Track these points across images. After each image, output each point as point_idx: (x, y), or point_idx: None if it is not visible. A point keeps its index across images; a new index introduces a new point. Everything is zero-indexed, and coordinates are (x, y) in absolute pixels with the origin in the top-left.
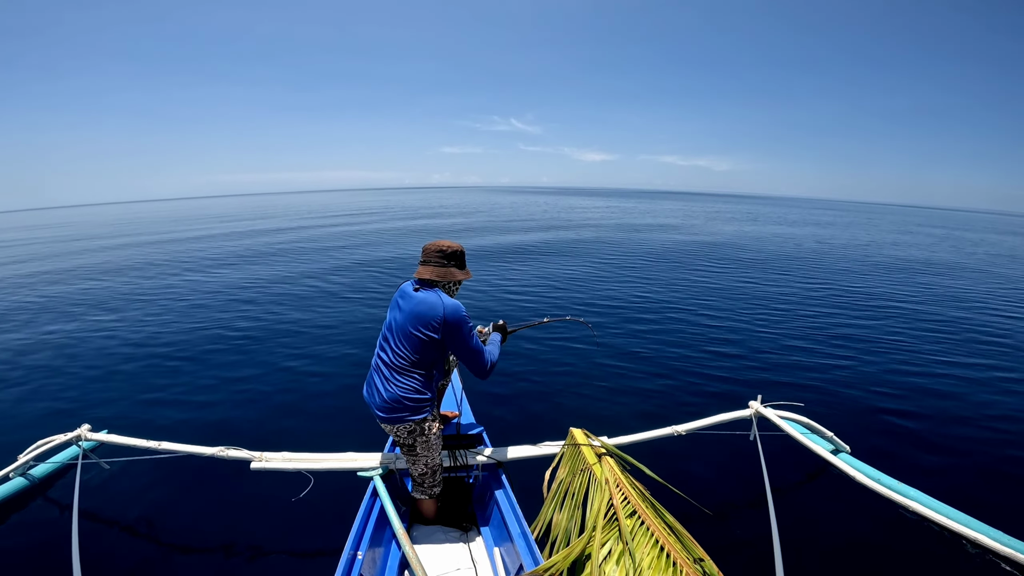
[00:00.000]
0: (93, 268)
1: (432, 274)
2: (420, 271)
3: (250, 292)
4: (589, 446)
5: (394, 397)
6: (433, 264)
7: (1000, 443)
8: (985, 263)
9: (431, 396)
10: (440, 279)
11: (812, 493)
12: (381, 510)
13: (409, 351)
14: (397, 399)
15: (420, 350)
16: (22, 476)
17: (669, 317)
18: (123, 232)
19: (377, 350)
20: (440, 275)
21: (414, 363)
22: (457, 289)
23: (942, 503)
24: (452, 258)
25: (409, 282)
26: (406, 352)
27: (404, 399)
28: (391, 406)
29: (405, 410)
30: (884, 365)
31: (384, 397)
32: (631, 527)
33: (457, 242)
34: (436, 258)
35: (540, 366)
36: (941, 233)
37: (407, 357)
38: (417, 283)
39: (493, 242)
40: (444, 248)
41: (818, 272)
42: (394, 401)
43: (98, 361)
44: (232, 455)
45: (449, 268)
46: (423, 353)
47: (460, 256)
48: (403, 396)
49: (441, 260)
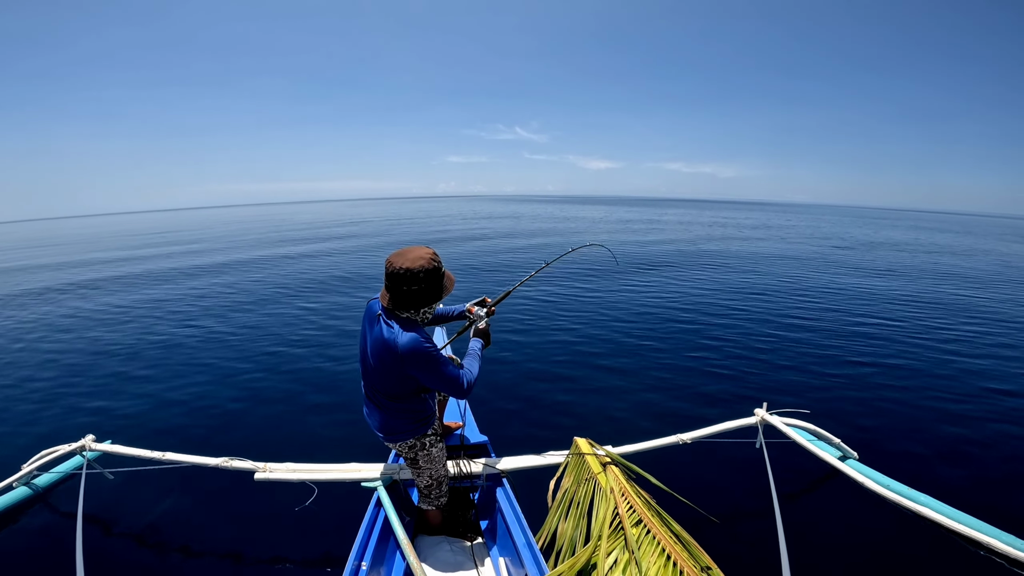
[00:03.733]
0: (97, 279)
1: (388, 302)
2: (382, 293)
3: (251, 302)
4: (594, 455)
5: (386, 424)
6: (391, 290)
7: (1013, 446)
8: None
9: (429, 414)
10: (400, 310)
11: (820, 500)
12: (385, 521)
13: (388, 383)
14: (391, 427)
15: (400, 382)
16: (26, 486)
17: (672, 325)
18: (124, 245)
19: (361, 374)
20: (397, 305)
21: (397, 395)
22: (431, 313)
23: (954, 508)
24: (411, 281)
25: (376, 300)
26: (385, 384)
27: (397, 425)
28: (389, 427)
29: (403, 432)
30: (891, 371)
31: (379, 424)
32: (637, 536)
33: (428, 249)
34: (391, 282)
35: (544, 376)
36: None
37: (387, 390)
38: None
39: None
40: (399, 269)
41: (821, 276)
42: (388, 427)
43: (103, 371)
44: (236, 466)
45: (411, 292)
46: (405, 384)
47: (424, 276)
48: (396, 423)
49: (398, 285)
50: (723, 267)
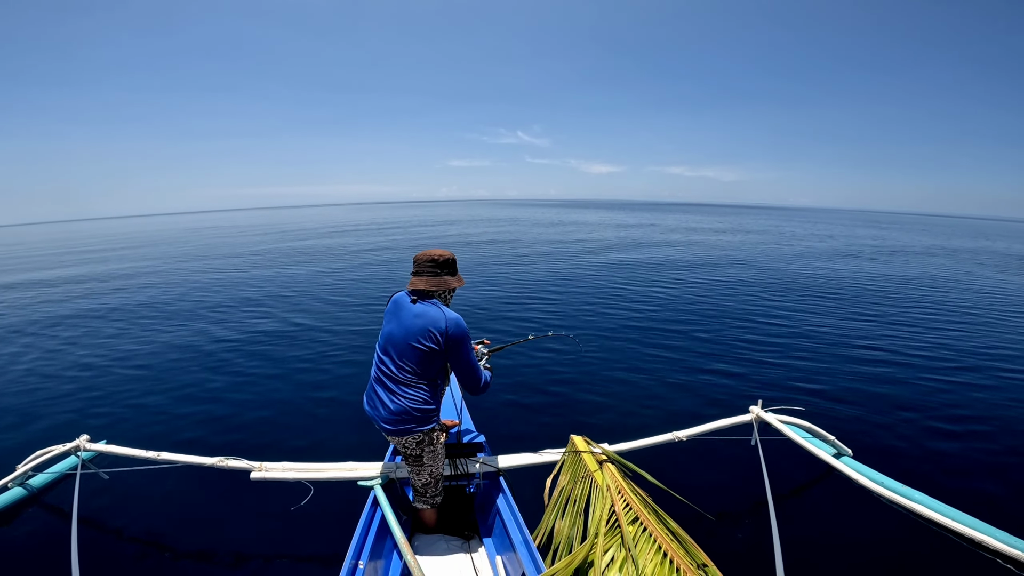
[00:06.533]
0: (96, 280)
1: (426, 284)
2: (414, 282)
3: (250, 304)
4: (590, 453)
5: (402, 409)
6: (427, 274)
7: (1009, 442)
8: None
9: (437, 406)
10: (435, 288)
11: (814, 497)
12: (382, 519)
13: (413, 363)
14: (405, 411)
15: (424, 362)
16: (21, 486)
17: (669, 324)
18: (119, 246)
19: (376, 363)
20: (434, 285)
21: (419, 375)
22: (451, 297)
23: (948, 505)
24: (445, 267)
25: (403, 292)
26: (410, 364)
27: (412, 410)
28: (399, 418)
29: (413, 421)
30: (886, 369)
31: (391, 409)
32: (634, 533)
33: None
34: (428, 268)
35: (540, 374)
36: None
37: (411, 369)
38: (412, 294)
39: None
40: (436, 257)
41: (818, 279)
42: (402, 413)
43: (97, 371)
44: (232, 465)
45: (443, 277)
46: (427, 365)
47: (452, 264)
48: (411, 408)
49: (434, 269)
50: (722, 267)
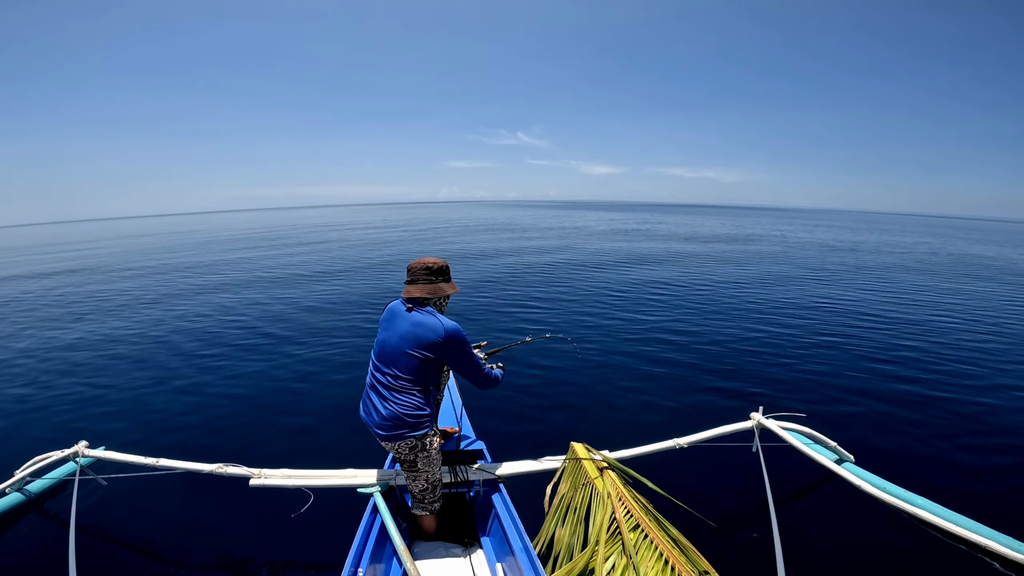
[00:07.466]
0: (96, 281)
1: (422, 292)
2: (409, 290)
3: (249, 309)
4: (590, 460)
5: (393, 415)
6: (422, 282)
7: (1011, 449)
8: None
9: (430, 412)
10: (430, 296)
11: (816, 503)
12: (382, 526)
13: (406, 371)
14: (396, 417)
15: (417, 370)
16: (19, 492)
17: (668, 330)
18: (119, 246)
19: (371, 370)
20: (430, 292)
21: (412, 382)
22: (446, 304)
23: (951, 511)
24: (439, 273)
25: (398, 301)
26: (403, 372)
27: (404, 416)
28: (391, 424)
29: (405, 427)
30: (887, 374)
31: (383, 415)
32: (635, 541)
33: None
34: (423, 276)
35: (540, 381)
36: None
37: (404, 376)
38: (407, 302)
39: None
40: (430, 265)
41: (817, 282)
42: (394, 419)
43: (96, 377)
44: (231, 472)
45: (438, 284)
46: (420, 372)
47: (446, 271)
48: (403, 414)
49: (429, 277)
50: (721, 270)
